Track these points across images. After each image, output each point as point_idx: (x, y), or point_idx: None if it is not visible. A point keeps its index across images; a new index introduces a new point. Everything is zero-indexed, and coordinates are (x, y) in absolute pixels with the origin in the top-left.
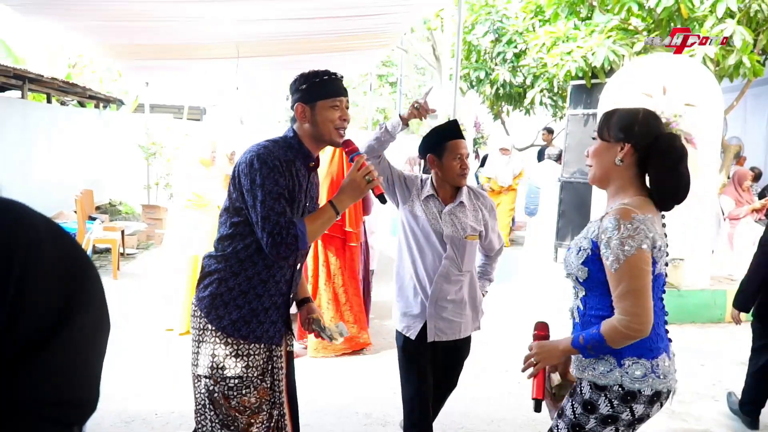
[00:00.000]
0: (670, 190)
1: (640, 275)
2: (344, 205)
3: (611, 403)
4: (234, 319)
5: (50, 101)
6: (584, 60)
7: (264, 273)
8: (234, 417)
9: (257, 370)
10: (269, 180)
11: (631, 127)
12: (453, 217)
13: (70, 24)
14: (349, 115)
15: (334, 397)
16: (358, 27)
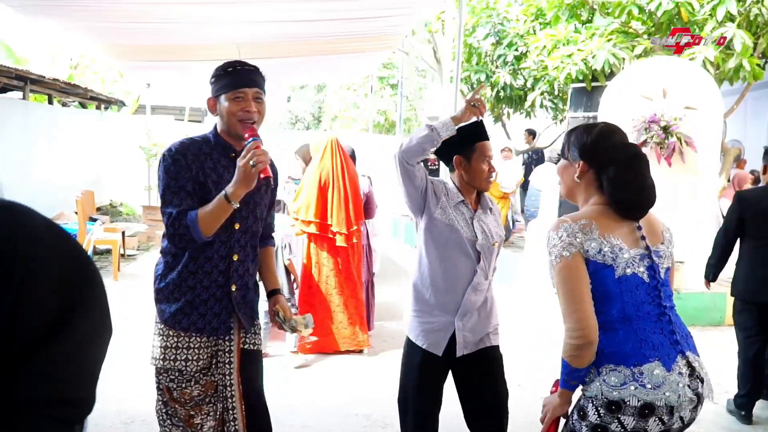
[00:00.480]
0: (627, 201)
1: (567, 281)
2: (236, 194)
3: (598, 412)
4: (173, 312)
5: (52, 102)
6: (585, 63)
7: (191, 265)
8: (174, 408)
9: (199, 363)
10: (168, 174)
11: (583, 145)
12: (482, 223)
13: (71, 24)
14: (256, 107)
15: (334, 398)
16: (359, 29)
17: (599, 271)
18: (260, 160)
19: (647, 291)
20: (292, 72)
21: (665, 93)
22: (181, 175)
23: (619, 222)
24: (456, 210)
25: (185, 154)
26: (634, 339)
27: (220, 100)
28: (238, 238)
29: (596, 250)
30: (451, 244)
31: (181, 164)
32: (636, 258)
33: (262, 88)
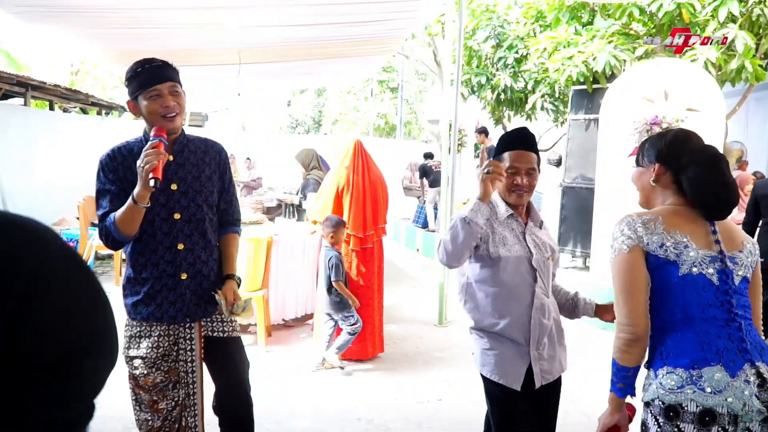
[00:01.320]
0: (710, 201)
1: (621, 274)
2: (140, 194)
3: (657, 421)
4: (134, 303)
5: (53, 108)
6: (585, 65)
7: (140, 258)
8: (139, 395)
9: (158, 351)
10: (98, 180)
11: (659, 148)
12: (535, 237)
13: (71, 30)
14: (174, 101)
15: (337, 402)
16: (359, 33)
17: (662, 267)
18: (149, 160)
19: (716, 294)
20: (293, 76)
21: (667, 95)
22: (108, 178)
23: (692, 222)
24: (505, 226)
25: (114, 158)
26: (695, 340)
27: (139, 101)
28: (181, 228)
29: (658, 244)
30: (505, 266)
31: (109, 167)
32: (705, 259)
33: (176, 80)
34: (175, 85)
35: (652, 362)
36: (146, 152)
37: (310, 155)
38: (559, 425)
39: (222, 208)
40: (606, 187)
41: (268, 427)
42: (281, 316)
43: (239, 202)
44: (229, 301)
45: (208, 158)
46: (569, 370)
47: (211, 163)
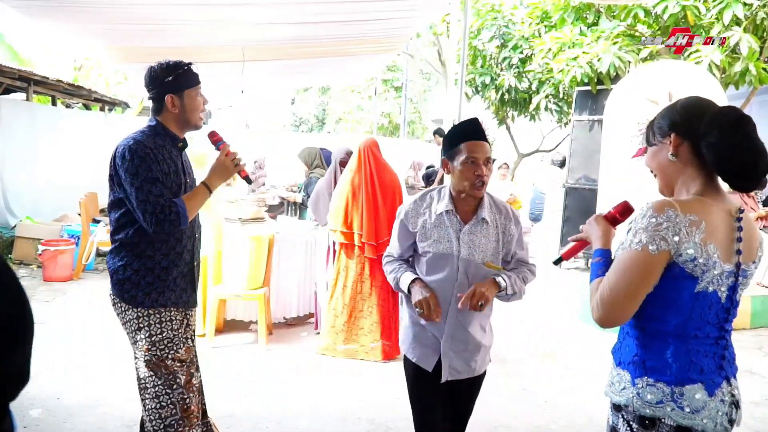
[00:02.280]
0: (738, 168)
1: (633, 274)
2: (215, 185)
3: (630, 427)
4: (147, 293)
5: (55, 104)
6: (590, 66)
7: (164, 248)
8: (174, 373)
9: (180, 331)
10: (143, 168)
11: (671, 117)
12: (472, 236)
13: (75, 26)
14: (207, 99)
15: (339, 402)
16: (363, 31)
17: (680, 280)
18: (239, 161)
19: (717, 312)
20: (297, 74)
21: (671, 96)
22: (153, 167)
23: (721, 222)
24: (438, 219)
25: (151, 147)
26: (684, 360)
27: (183, 95)
28: (196, 218)
29: (691, 257)
30: (429, 255)
31: (151, 158)
32: (723, 275)
33: None
34: None
35: (631, 366)
36: (233, 153)
37: (313, 154)
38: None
39: None
40: (609, 188)
41: (268, 426)
42: (282, 315)
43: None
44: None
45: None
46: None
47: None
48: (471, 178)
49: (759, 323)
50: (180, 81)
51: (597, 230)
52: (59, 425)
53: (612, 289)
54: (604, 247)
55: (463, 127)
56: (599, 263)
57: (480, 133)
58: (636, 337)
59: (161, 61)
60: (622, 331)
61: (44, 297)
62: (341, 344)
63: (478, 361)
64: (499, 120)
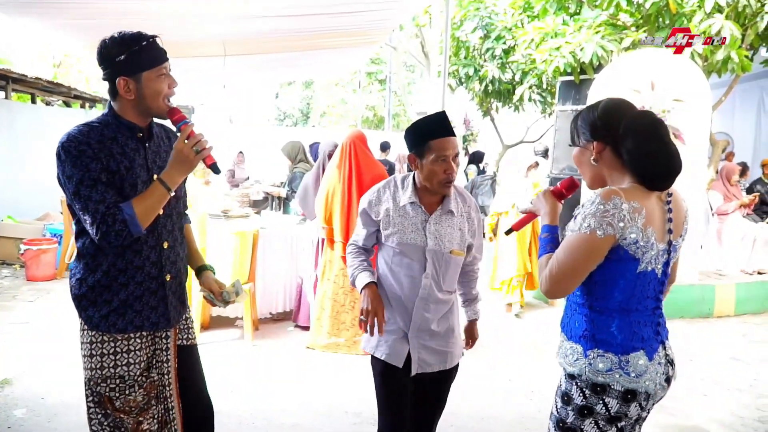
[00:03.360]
0: (650, 170)
1: (576, 254)
2: (174, 180)
3: (583, 393)
4: (105, 315)
5: (35, 101)
6: (573, 56)
7: (120, 262)
8: (121, 419)
9: (140, 366)
10: (78, 168)
11: (593, 123)
12: (438, 227)
13: (53, 22)
14: (175, 80)
15: (325, 396)
16: (346, 24)
17: (624, 262)
18: (203, 145)
19: (655, 287)
20: (280, 68)
21: (653, 85)
22: (91, 167)
23: (655, 210)
24: (403, 211)
25: (89, 143)
26: (628, 331)
27: (142, 79)
28: (164, 224)
29: (633, 240)
30: (394, 247)
31: (88, 154)
32: (659, 254)
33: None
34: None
35: (582, 339)
36: (195, 137)
37: (296, 148)
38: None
39: (182, 200)
40: None
41: (254, 422)
42: (269, 310)
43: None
44: (217, 292)
45: (172, 145)
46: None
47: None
48: (441, 177)
49: (743, 310)
50: (134, 61)
51: (545, 206)
52: (43, 425)
53: (560, 266)
54: (552, 224)
55: (431, 123)
56: (547, 239)
57: (448, 129)
58: (585, 314)
59: (115, 34)
60: (570, 308)
61: (27, 297)
62: (325, 338)
63: (447, 352)
64: (483, 111)
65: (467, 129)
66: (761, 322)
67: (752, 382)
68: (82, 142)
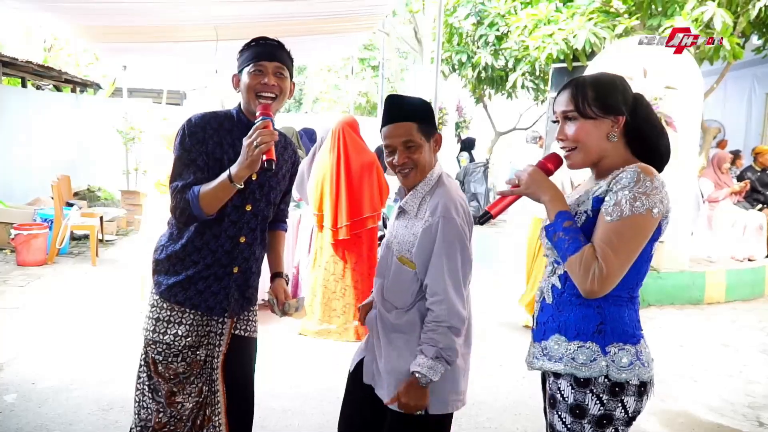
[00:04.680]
0: (662, 151)
1: (636, 239)
2: (239, 174)
3: (600, 400)
4: (171, 284)
5: (25, 85)
6: (566, 43)
7: (197, 240)
8: (158, 382)
9: (189, 340)
10: (182, 146)
11: (617, 96)
12: (397, 225)
13: (43, 5)
14: (276, 81)
15: (317, 382)
16: (339, 9)
17: (652, 243)
18: (264, 140)
19: (647, 270)
20: None
21: (646, 72)
22: (195, 148)
23: None
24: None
25: (204, 128)
26: (635, 318)
27: (242, 75)
28: (248, 220)
29: (668, 220)
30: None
31: (197, 137)
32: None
33: (285, 64)
34: (282, 68)
35: (597, 336)
36: (259, 131)
37: (289, 133)
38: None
39: (281, 207)
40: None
41: None
42: (260, 296)
43: None
44: (281, 300)
45: (286, 155)
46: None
47: (288, 162)
48: (393, 168)
49: (733, 296)
50: (241, 59)
51: (548, 189)
52: (35, 410)
53: (618, 257)
54: (566, 209)
55: (386, 106)
56: (571, 228)
57: (393, 113)
58: (596, 306)
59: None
60: (566, 302)
61: (18, 282)
62: (316, 325)
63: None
64: (476, 98)
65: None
66: (751, 308)
67: (741, 368)
68: (197, 125)
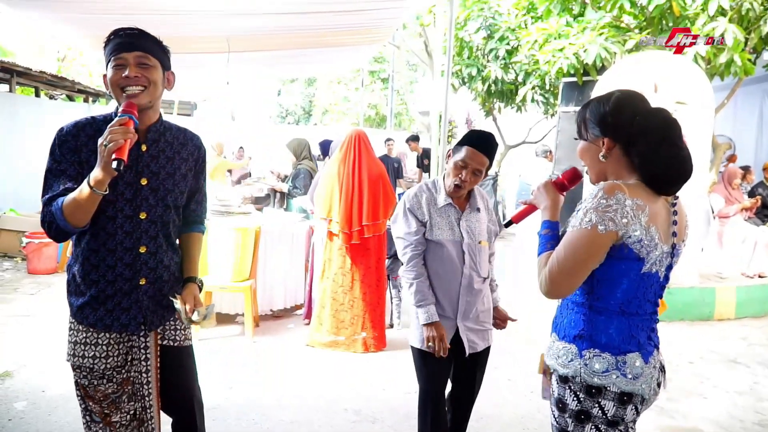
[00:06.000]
0: (659, 173)
1: (580, 251)
2: (98, 179)
3: (577, 397)
4: (80, 305)
5: (39, 95)
6: (576, 57)
7: (92, 257)
8: (89, 405)
9: (109, 361)
10: (52, 157)
11: (603, 117)
12: (469, 223)
13: (57, 16)
14: (139, 72)
15: (323, 394)
16: (350, 22)
17: (628, 261)
18: (113, 138)
19: (656, 290)
20: (282, 65)
21: (656, 87)
22: (65, 158)
23: (660, 209)
24: (441, 212)
25: (76, 135)
26: (626, 333)
27: (107, 72)
28: (146, 229)
29: (638, 239)
30: (435, 245)
31: (68, 146)
32: (663, 255)
33: (149, 51)
34: (146, 56)
35: (578, 340)
36: (111, 129)
37: (302, 145)
38: (545, 414)
39: (191, 209)
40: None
41: (254, 418)
42: (269, 307)
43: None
44: (190, 308)
45: (186, 153)
46: None
47: (188, 159)
48: (453, 179)
49: (743, 313)
50: (105, 55)
51: (546, 199)
52: (44, 418)
53: (560, 264)
54: (552, 219)
55: (473, 134)
56: (547, 236)
57: (480, 144)
58: (583, 314)
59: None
60: (566, 307)
61: (29, 290)
62: (325, 336)
63: (487, 330)
64: (486, 112)
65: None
66: (761, 325)
67: (752, 385)
68: (68, 133)
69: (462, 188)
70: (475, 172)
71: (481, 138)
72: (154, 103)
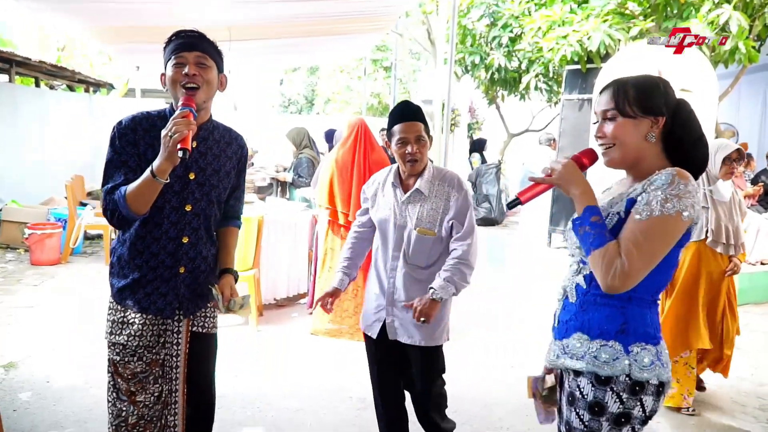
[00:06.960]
0: (700, 159)
1: (662, 240)
2: (161, 168)
3: (620, 398)
4: (121, 287)
5: (39, 85)
6: (580, 44)
7: (138, 243)
8: (117, 382)
9: (144, 340)
10: (112, 148)
11: (659, 97)
12: (408, 206)
13: (57, 5)
14: (198, 71)
15: (329, 381)
16: (352, 10)
17: (679, 248)
18: (178, 129)
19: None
20: (285, 54)
21: (661, 74)
22: (125, 150)
23: None
24: (384, 191)
25: (135, 129)
26: (656, 321)
27: (166, 71)
28: (190, 221)
29: (696, 224)
30: (378, 224)
31: (128, 138)
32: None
33: (207, 52)
34: (203, 57)
35: (621, 335)
36: (175, 120)
37: (301, 134)
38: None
39: (231, 204)
40: (598, 167)
41: (259, 406)
42: (273, 296)
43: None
44: (226, 297)
45: (230, 152)
46: None
47: (233, 158)
48: (403, 157)
49: (745, 300)
50: (164, 55)
51: (580, 182)
52: (49, 408)
53: (642, 253)
54: (594, 204)
55: (395, 111)
56: (599, 224)
57: (407, 114)
58: (620, 306)
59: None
60: (589, 302)
61: (32, 281)
62: (327, 324)
63: (421, 330)
64: (489, 100)
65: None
66: (763, 312)
67: (753, 370)
68: (127, 127)
69: (417, 161)
70: (419, 140)
71: (403, 110)
72: (207, 102)
